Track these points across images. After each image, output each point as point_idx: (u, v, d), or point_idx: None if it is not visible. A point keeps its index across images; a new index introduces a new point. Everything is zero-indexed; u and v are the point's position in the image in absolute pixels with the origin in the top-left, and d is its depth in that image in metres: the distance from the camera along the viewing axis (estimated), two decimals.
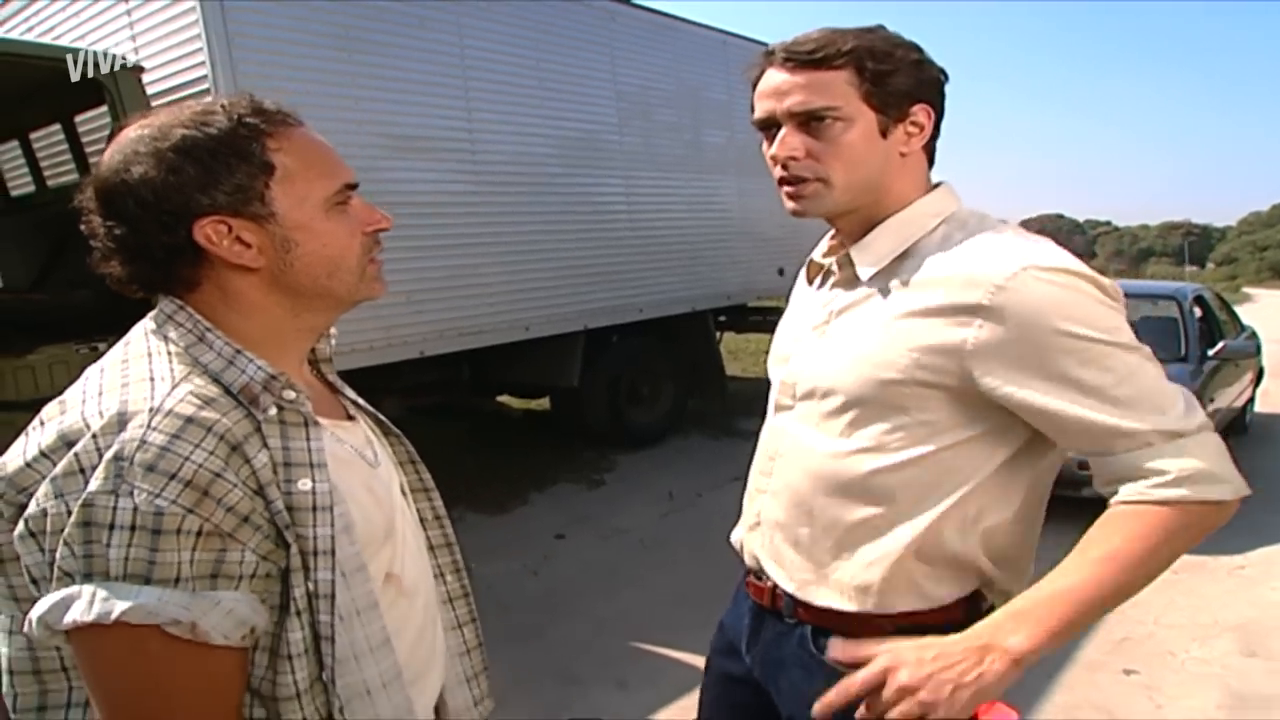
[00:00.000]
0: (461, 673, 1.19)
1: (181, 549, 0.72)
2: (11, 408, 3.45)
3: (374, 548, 0.92)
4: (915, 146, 1.05)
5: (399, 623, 0.96)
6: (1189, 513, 0.93)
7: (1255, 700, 2.81)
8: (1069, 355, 0.92)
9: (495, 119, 4.72)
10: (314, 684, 0.81)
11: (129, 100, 3.47)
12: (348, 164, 0.96)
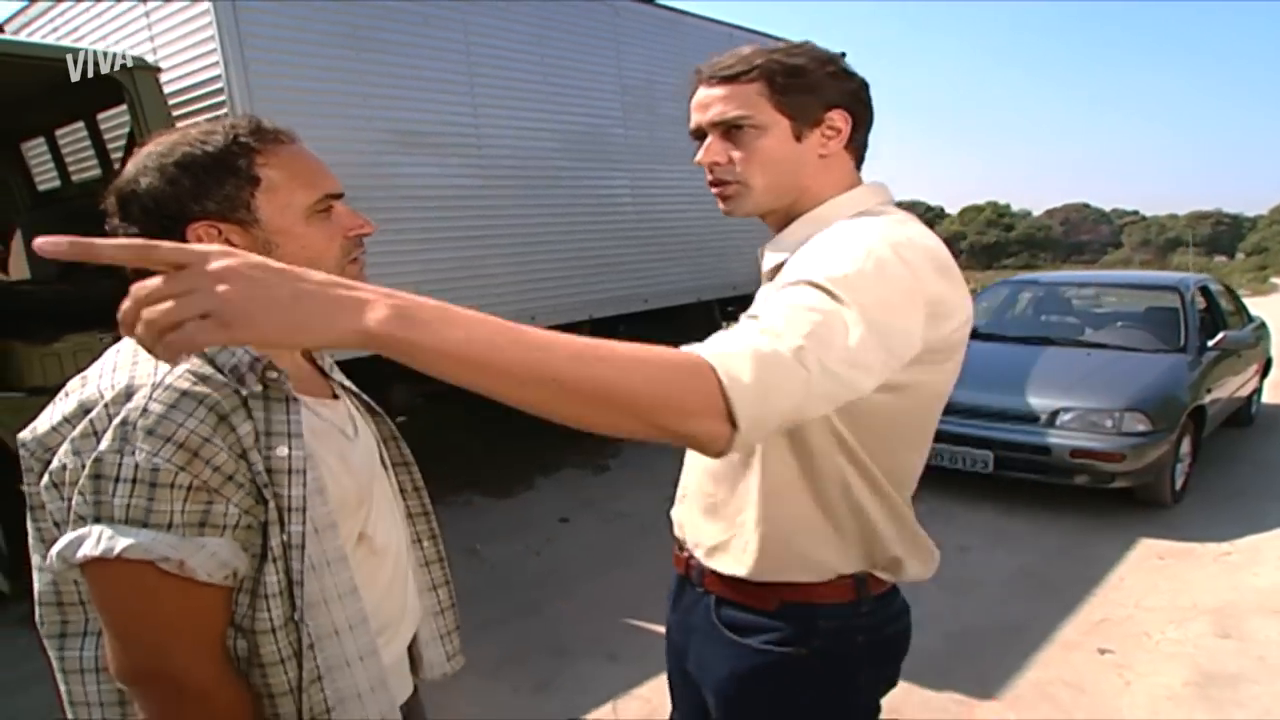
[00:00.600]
0: (435, 630, 1.34)
1: (174, 500, 0.87)
2: (40, 392, 3.63)
3: (347, 510, 1.06)
4: (834, 149, 1.15)
5: (369, 577, 1.10)
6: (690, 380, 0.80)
7: (1222, 678, 2.90)
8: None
9: (501, 114, 4.84)
10: (287, 622, 0.95)
11: (147, 99, 3.63)
12: (358, 158, 1.12)
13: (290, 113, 3.83)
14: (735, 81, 1.12)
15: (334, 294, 0.67)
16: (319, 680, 0.97)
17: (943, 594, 3.65)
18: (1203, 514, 4.56)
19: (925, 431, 1.19)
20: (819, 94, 1.12)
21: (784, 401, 0.83)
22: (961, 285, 1.08)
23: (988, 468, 4.59)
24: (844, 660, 1.19)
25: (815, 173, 1.15)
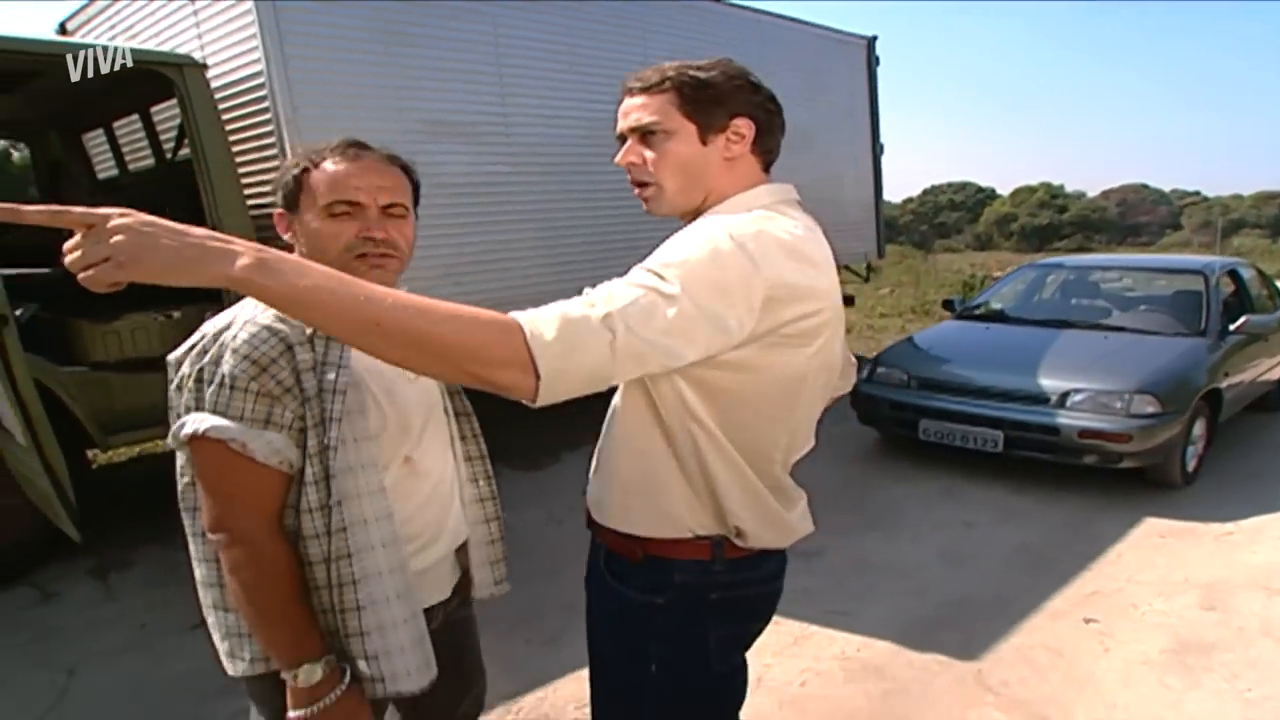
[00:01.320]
0: (485, 557, 1.66)
1: (245, 401, 1.21)
2: (102, 367, 3.94)
3: (388, 434, 1.36)
4: (738, 152, 1.29)
5: (407, 491, 1.41)
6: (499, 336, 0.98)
7: (1197, 646, 3.01)
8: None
9: (529, 103, 5.02)
10: (323, 507, 1.25)
11: (195, 94, 3.90)
12: (391, 147, 1.44)
13: (327, 105, 4.08)
14: (650, 92, 1.27)
15: (209, 245, 0.89)
16: (348, 557, 1.25)
17: (942, 566, 3.81)
18: (1214, 495, 4.61)
19: (782, 409, 1.26)
20: (725, 104, 1.26)
21: (586, 358, 1.00)
22: (821, 276, 1.21)
23: (998, 447, 4.69)
24: (696, 613, 1.32)
25: (720, 174, 1.29)
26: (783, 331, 1.16)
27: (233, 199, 3.92)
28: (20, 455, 2.93)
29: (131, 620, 3.39)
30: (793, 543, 1.38)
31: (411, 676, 1.30)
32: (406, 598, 1.31)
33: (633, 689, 1.39)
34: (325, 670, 1.25)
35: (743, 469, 1.26)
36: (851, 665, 2.94)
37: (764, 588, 1.39)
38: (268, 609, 1.24)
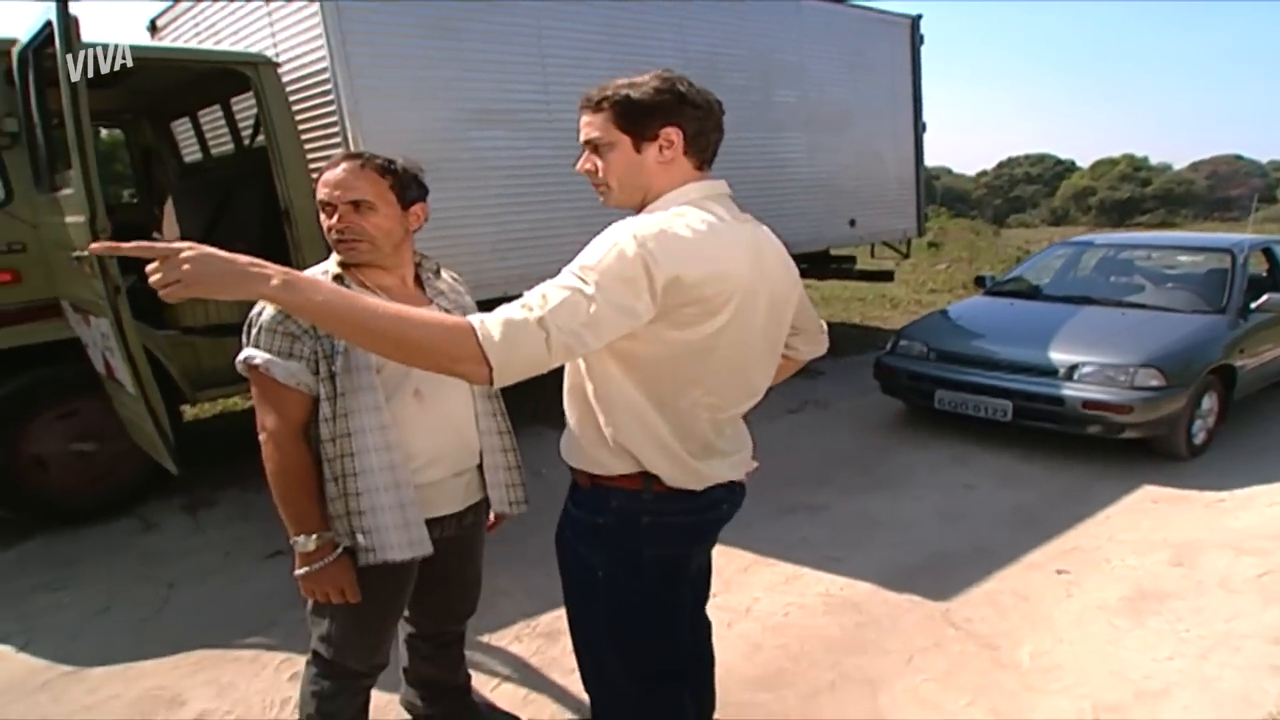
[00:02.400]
0: (501, 480, 2.08)
1: (273, 339, 1.73)
2: (190, 331, 4.48)
3: (391, 370, 1.79)
4: (671, 156, 1.55)
5: (409, 419, 1.85)
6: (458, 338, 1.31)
7: (1154, 595, 3.28)
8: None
9: (570, 90, 5.35)
10: (334, 418, 1.75)
11: (269, 88, 4.38)
12: (443, 135, 2.37)
13: (384, 98, 4.51)
14: (595, 110, 1.57)
15: (250, 270, 1.27)
16: (351, 456, 1.74)
17: (936, 522, 4.12)
18: (1218, 467, 4.78)
19: (695, 371, 1.54)
20: (654, 116, 1.53)
21: (526, 352, 1.32)
22: (727, 262, 1.50)
23: (1007, 416, 4.95)
24: (630, 533, 1.64)
25: (655, 175, 1.57)
26: (685, 310, 1.46)
27: (302, 182, 4.39)
28: (129, 404, 3.47)
29: (217, 549, 3.94)
30: (706, 487, 1.66)
31: (395, 549, 1.78)
32: (395, 493, 1.77)
33: (586, 594, 1.75)
34: (318, 543, 1.76)
35: (657, 428, 1.56)
36: (833, 601, 3.31)
37: (692, 518, 1.69)
38: (282, 490, 1.76)
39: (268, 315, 1.74)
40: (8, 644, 3.15)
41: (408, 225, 1.89)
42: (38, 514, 3.99)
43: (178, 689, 2.81)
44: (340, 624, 1.90)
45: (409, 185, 1.88)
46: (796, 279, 1.79)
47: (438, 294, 1.97)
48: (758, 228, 1.70)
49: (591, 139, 1.59)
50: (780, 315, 1.72)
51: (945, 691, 2.70)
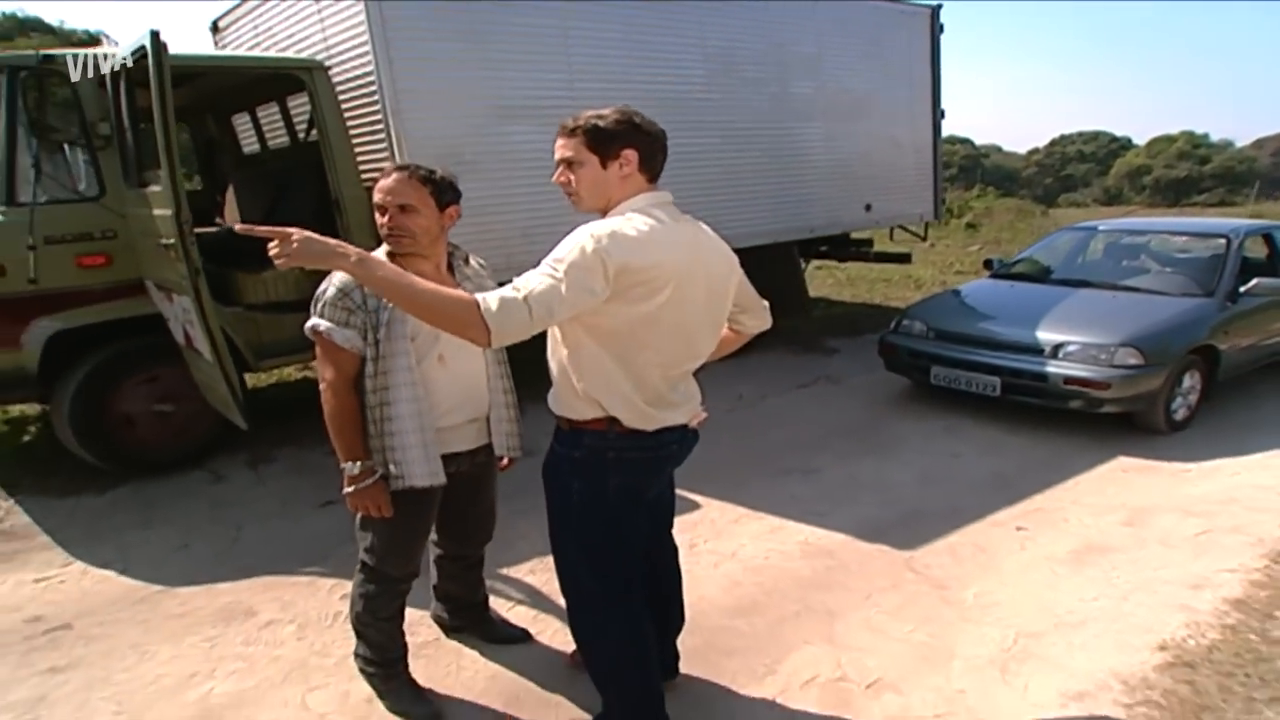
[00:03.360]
0: (504, 429, 2.57)
1: (333, 310, 2.26)
2: (252, 308, 5.03)
3: (424, 335, 2.29)
4: (629, 172, 2.02)
5: (435, 375, 2.35)
6: (468, 310, 1.79)
7: (1099, 549, 3.67)
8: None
9: (594, 86, 5.79)
10: (376, 374, 2.25)
11: (321, 89, 4.88)
12: (478, 129, 3.68)
13: (423, 97, 4.98)
14: (570, 136, 2.05)
15: (336, 249, 1.79)
16: (388, 404, 2.24)
17: (917, 485, 4.54)
18: (1195, 442, 5.11)
19: (644, 341, 2.01)
20: (616, 140, 2.01)
21: (515, 320, 1.80)
22: (665, 253, 1.96)
23: (995, 391, 5.32)
24: (599, 465, 2.13)
25: (616, 186, 2.05)
26: (634, 290, 1.94)
27: (350, 173, 4.91)
28: (206, 369, 4.03)
29: (276, 498, 4.51)
30: (659, 429, 2.13)
31: (418, 477, 2.29)
32: (420, 435, 2.29)
33: (564, 512, 2.25)
34: (361, 468, 2.28)
35: (618, 383, 2.04)
36: (809, 549, 3.76)
37: (649, 454, 2.17)
38: (336, 427, 2.29)
39: (330, 293, 2.25)
40: (109, 569, 3.74)
41: (443, 224, 2.37)
42: (126, 465, 4.59)
43: (250, 604, 3.37)
44: (380, 537, 2.42)
45: (445, 191, 2.36)
46: (734, 266, 2.25)
47: (465, 279, 2.45)
48: (697, 227, 2.16)
49: (566, 158, 2.07)
50: (720, 294, 2.19)
51: (893, 621, 3.15)
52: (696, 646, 2.90)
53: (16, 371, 4.23)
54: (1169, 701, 2.54)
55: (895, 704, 2.64)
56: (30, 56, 4.21)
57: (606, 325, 2.00)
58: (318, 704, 2.72)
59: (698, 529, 3.95)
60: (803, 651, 2.95)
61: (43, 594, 3.57)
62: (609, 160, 2.04)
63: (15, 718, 2.69)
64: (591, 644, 2.34)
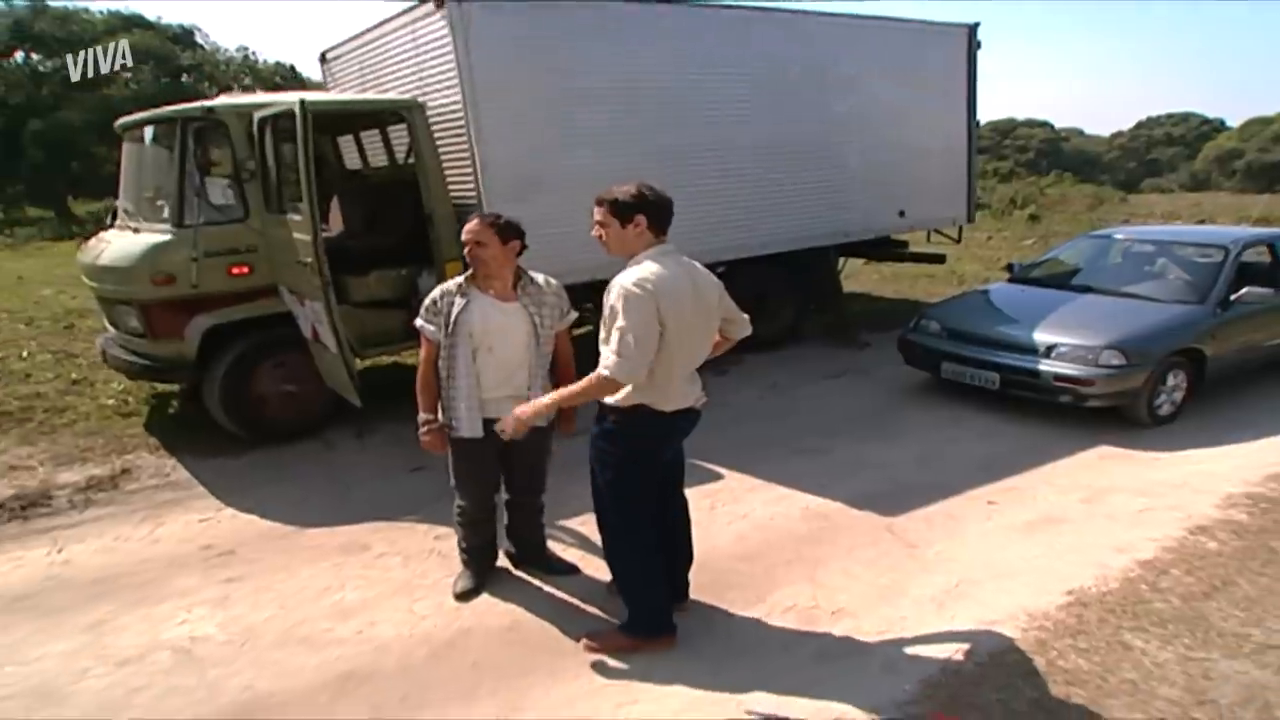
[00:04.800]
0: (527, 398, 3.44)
1: (426, 314, 3.41)
2: (357, 305, 6.03)
3: (477, 335, 3.29)
4: (641, 230, 2.91)
5: (485, 362, 3.36)
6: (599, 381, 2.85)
7: (1052, 519, 4.40)
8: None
9: (652, 113, 6.62)
10: (445, 358, 3.35)
11: (418, 124, 5.83)
12: (547, 151, 5.24)
13: (503, 128, 5.89)
14: (600, 205, 2.95)
15: (540, 410, 3.05)
16: (451, 377, 3.29)
17: (913, 465, 5.31)
18: (1176, 434, 5.74)
19: (671, 350, 2.90)
20: (632, 210, 2.90)
21: (630, 368, 2.78)
22: (676, 288, 2.84)
23: (995, 385, 6.02)
24: (629, 435, 3.06)
25: (633, 241, 2.94)
26: (662, 318, 2.83)
27: (442, 193, 5.86)
28: (328, 359, 5.05)
29: (379, 464, 5.52)
30: (673, 410, 3.04)
31: (463, 430, 3.34)
32: (468, 401, 3.32)
33: (602, 468, 3.17)
34: (429, 418, 3.31)
35: (646, 378, 2.92)
36: (809, 513, 4.59)
37: (665, 428, 3.09)
38: (420, 387, 3.42)
39: (426, 302, 3.31)
40: (252, 514, 4.79)
41: (507, 254, 3.29)
42: (259, 433, 5.66)
43: (364, 540, 4.37)
44: (456, 477, 3.53)
45: (506, 231, 3.28)
46: (721, 291, 3.13)
47: (527, 295, 3.35)
48: (691, 265, 3.04)
49: (599, 220, 2.98)
50: (711, 312, 3.07)
51: (865, 569, 3.96)
52: (705, 582, 3.76)
53: (180, 358, 5.33)
54: (1055, 627, 3.32)
55: (850, 625, 3.48)
56: (197, 109, 5.28)
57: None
58: (420, 610, 3.70)
59: (719, 495, 4.81)
60: (788, 588, 3.80)
61: (206, 530, 4.64)
62: (627, 223, 2.93)
63: (211, 609, 3.73)
64: (618, 564, 3.28)
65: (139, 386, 6.80)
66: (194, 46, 34.38)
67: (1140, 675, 3.01)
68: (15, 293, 12.29)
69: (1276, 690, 2.89)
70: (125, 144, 6.22)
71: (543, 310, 3.39)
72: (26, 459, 5.49)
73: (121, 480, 5.24)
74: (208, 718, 3.04)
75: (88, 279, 5.88)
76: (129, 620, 3.70)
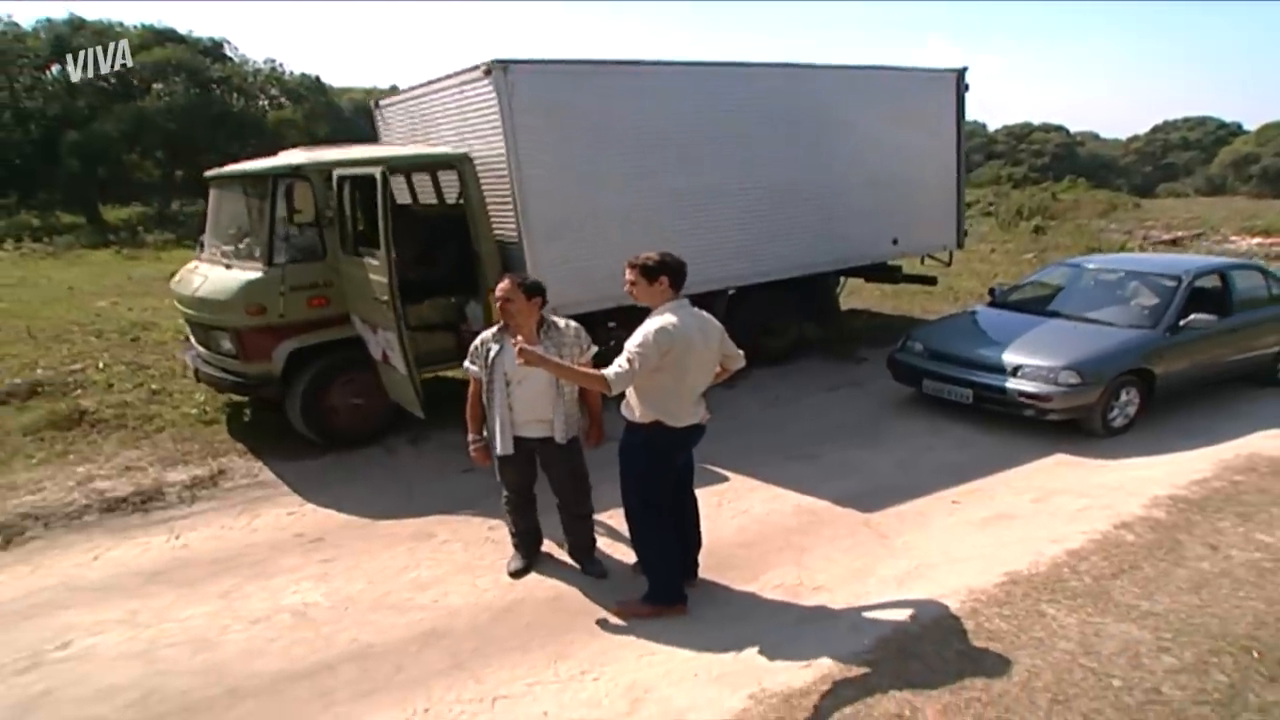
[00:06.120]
0: (561, 426, 4.35)
1: (471, 354, 4.36)
2: (414, 328, 6.95)
3: (512, 372, 4.17)
4: (664, 288, 3.82)
5: (516, 394, 4.25)
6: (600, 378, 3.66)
7: (1004, 516, 5.26)
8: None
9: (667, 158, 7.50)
10: (486, 391, 4.28)
11: (467, 174, 6.75)
12: (578, 196, 6.37)
13: (540, 176, 6.79)
14: (632, 268, 3.87)
15: (546, 360, 3.72)
16: (491, 406, 4.23)
17: (892, 469, 6.18)
18: (1128, 444, 6.57)
19: (676, 381, 3.82)
20: (657, 273, 3.81)
21: (623, 381, 3.66)
22: (687, 333, 3.75)
23: (969, 400, 6.89)
24: (649, 445, 3.96)
25: (657, 295, 3.84)
26: (668, 357, 3.72)
27: (487, 233, 6.79)
28: (395, 379, 5.98)
29: (433, 466, 6.44)
30: (684, 426, 3.95)
31: (499, 448, 4.24)
32: (500, 424, 4.20)
33: (627, 468, 4.08)
34: (476, 438, 4.29)
35: (663, 402, 3.85)
36: (800, 510, 5.47)
37: (678, 440, 3.99)
38: (469, 414, 4.33)
39: (471, 347, 4.24)
40: (331, 509, 5.72)
41: (530, 308, 4.16)
42: (331, 440, 6.60)
43: (430, 530, 5.30)
44: (500, 477, 4.45)
45: (530, 289, 4.16)
46: (722, 333, 4.04)
47: (549, 338, 4.20)
48: (700, 314, 3.94)
49: (630, 279, 3.88)
50: (714, 350, 3.97)
51: (843, 555, 4.84)
52: (711, 564, 4.65)
53: (268, 376, 6.29)
54: (987, 599, 4.19)
55: (826, 598, 4.36)
56: (285, 167, 6.25)
57: (659, 375, 3.79)
58: (481, 584, 4.61)
59: (724, 494, 5.70)
60: (778, 569, 4.69)
61: (296, 522, 5.58)
62: (653, 282, 3.85)
63: (315, 582, 4.68)
64: (641, 547, 4.20)
65: (214, 397, 7.76)
66: (223, 59, 35.41)
67: (1046, 634, 3.87)
68: (71, 304, 13.34)
69: (1148, 644, 3.75)
70: (213, 189, 7.20)
71: (563, 349, 4.16)
72: (137, 461, 6.47)
73: (219, 479, 6.20)
74: (330, 659, 3.97)
75: (184, 307, 6.85)
76: (251, 590, 4.64)
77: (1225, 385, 7.72)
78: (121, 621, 4.36)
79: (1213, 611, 4.02)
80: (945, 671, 3.62)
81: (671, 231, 7.50)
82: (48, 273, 17.74)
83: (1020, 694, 3.44)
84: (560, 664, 3.89)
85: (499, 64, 6.46)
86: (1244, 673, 3.54)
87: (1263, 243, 20.61)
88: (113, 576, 4.86)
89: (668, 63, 7.59)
